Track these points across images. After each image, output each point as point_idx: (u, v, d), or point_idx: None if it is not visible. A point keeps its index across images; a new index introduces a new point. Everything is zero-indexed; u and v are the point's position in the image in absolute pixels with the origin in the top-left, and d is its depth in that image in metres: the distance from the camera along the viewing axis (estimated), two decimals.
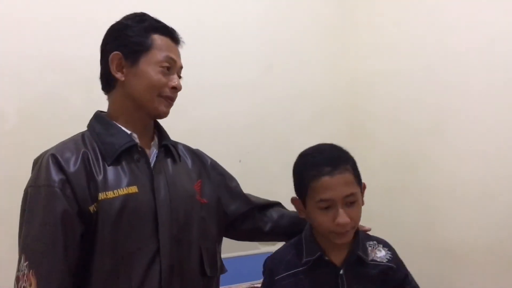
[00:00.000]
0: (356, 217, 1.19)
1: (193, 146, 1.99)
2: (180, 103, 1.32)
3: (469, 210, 2.00)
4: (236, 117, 2.24)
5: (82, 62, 1.79)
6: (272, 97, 2.35)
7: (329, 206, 1.16)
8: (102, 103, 1.28)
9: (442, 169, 2.11)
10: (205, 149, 2.13)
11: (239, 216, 1.39)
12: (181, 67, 1.28)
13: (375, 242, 1.29)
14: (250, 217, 1.41)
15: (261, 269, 1.32)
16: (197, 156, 1.40)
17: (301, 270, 1.22)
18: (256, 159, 2.28)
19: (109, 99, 1.26)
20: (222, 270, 1.35)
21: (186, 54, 1.33)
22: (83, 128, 1.25)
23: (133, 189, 1.15)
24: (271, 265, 1.27)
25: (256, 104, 2.31)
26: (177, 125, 1.97)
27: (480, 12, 1.97)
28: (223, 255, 1.37)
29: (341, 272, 1.21)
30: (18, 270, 1.08)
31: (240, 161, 2.22)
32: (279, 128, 2.37)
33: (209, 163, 1.41)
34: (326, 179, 1.16)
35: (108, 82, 1.23)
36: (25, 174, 1.19)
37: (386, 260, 1.26)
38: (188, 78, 2.00)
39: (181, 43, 1.28)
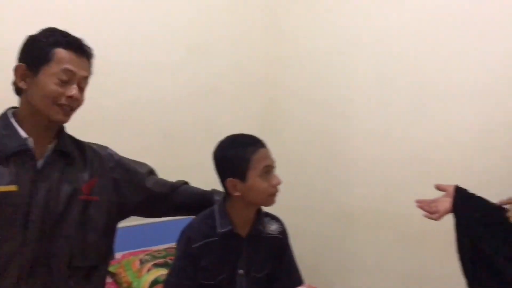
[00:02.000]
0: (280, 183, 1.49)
1: (120, 123, 2.10)
2: (105, 83, 1.43)
3: (367, 181, 2.31)
4: (161, 95, 2.37)
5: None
6: (195, 77, 2.50)
7: (268, 171, 1.46)
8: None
9: (348, 146, 2.40)
10: (131, 126, 2.25)
11: (148, 206, 1.57)
12: (85, 77, 1.37)
13: (269, 218, 1.60)
14: (155, 204, 1.60)
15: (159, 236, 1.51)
16: (99, 156, 1.50)
17: (215, 240, 1.48)
18: (181, 134, 2.44)
19: (19, 103, 1.37)
20: (107, 258, 1.49)
21: (108, 33, 1.38)
22: None
23: (12, 187, 1.27)
24: (188, 233, 1.51)
25: (180, 83, 2.45)
26: (104, 103, 2.10)
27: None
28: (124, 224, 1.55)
29: (245, 242, 1.51)
30: None
31: (164, 135, 2.37)
32: (202, 105, 2.53)
33: (113, 162, 1.53)
34: (263, 150, 1.48)
35: (15, 89, 1.36)
36: None
37: (277, 232, 1.59)
38: (112, 58, 2.11)
39: (89, 54, 1.38)
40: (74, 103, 1.34)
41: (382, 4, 2.22)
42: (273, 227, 1.59)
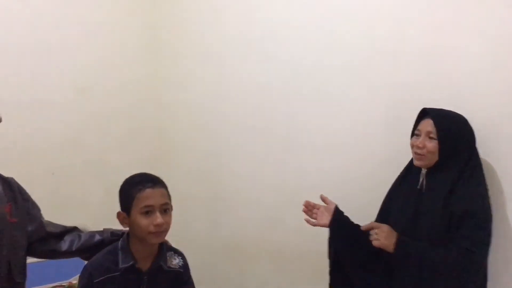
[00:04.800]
0: (169, 221, 1.59)
1: (9, 160, 2.15)
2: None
3: (247, 213, 2.54)
4: (50, 134, 2.42)
5: None
6: (85, 117, 2.57)
7: (149, 211, 1.54)
8: None
9: (222, 185, 2.65)
10: (19, 163, 2.28)
11: (36, 239, 1.65)
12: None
13: (172, 252, 1.70)
14: (47, 241, 1.68)
15: (64, 271, 1.60)
16: (8, 183, 1.62)
17: (116, 275, 1.55)
18: (69, 172, 2.48)
19: None
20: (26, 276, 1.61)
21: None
22: None
23: None
24: (90, 269, 1.57)
25: (70, 123, 2.51)
26: None
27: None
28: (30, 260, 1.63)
29: (145, 277, 1.59)
30: None
31: (53, 173, 2.41)
32: (92, 146, 2.60)
33: (17, 189, 1.65)
34: (148, 191, 1.55)
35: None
36: None
37: (178, 266, 1.68)
38: (3, 95, 2.14)
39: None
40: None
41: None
42: (174, 262, 1.67)
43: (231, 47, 2.59)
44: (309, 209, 1.85)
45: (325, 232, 1.83)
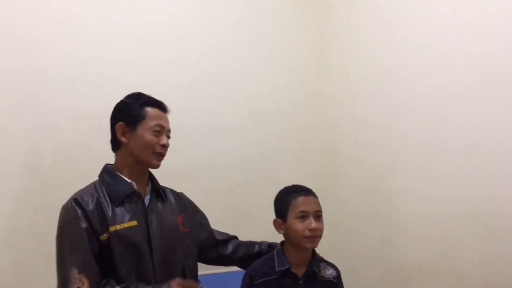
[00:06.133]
0: (322, 227, 1.70)
1: (193, 180, 2.42)
2: (180, 145, 1.74)
3: (416, 233, 2.40)
4: (228, 156, 2.65)
5: (102, 115, 2.13)
6: (258, 139, 2.77)
7: (304, 216, 1.66)
8: None
9: (392, 201, 2.54)
10: (202, 183, 2.54)
11: (206, 247, 1.84)
12: (169, 130, 1.72)
13: (325, 263, 1.78)
14: (215, 248, 1.87)
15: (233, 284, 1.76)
16: (179, 197, 1.83)
17: (273, 278, 1.68)
18: (246, 190, 2.68)
19: (116, 156, 1.71)
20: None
21: (184, 102, 1.70)
22: (101, 167, 1.71)
23: (133, 223, 1.58)
24: (251, 272, 1.73)
25: (244, 145, 2.72)
26: (178, 163, 2.41)
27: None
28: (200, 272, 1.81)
29: (301, 282, 1.68)
30: (67, 280, 1.47)
31: (232, 191, 2.63)
32: (265, 165, 2.78)
33: (188, 203, 1.86)
34: (303, 198, 1.70)
35: (115, 144, 1.70)
36: (57, 205, 1.62)
37: (332, 277, 1.75)
38: (187, 123, 2.43)
39: (169, 111, 1.73)
40: (165, 150, 1.66)
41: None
42: (328, 272, 1.75)
43: (400, 60, 2.53)
44: None
45: None
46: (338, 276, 1.77)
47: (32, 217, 2.07)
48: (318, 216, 1.70)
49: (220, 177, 2.60)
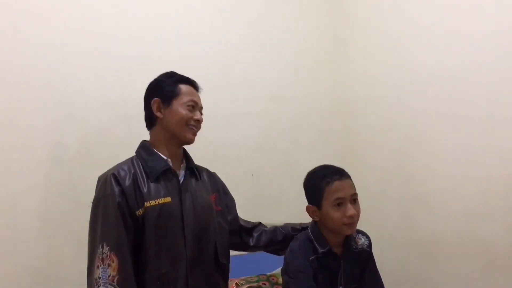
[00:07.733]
0: (359, 211, 1.64)
1: (215, 164, 2.45)
2: (202, 130, 1.75)
3: (440, 209, 2.40)
4: (249, 140, 2.67)
5: (125, 105, 2.27)
6: (277, 124, 2.78)
7: (340, 203, 1.60)
8: (140, 135, 1.76)
9: (415, 179, 2.54)
10: (224, 166, 2.57)
11: (230, 230, 1.83)
12: (201, 107, 1.75)
13: (356, 233, 1.74)
14: (238, 234, 1.88)
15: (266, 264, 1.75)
16: (213, 176, 1.86)
17: (317, 257, 1.64)
18: (266, 173, 2.70)
19: (151, 133, 1.73)
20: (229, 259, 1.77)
21: (206, 89, 1.75)
22: (125, 155, 1.72)
23: (168, 199, 1.59)
24: (298, 253, 1.66)
25: (264, 130, 2.74)
26: (203, 147, 2.42)
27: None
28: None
29: (342, 261, 1.66)
30: (96, 257, 1.47)
31: (252, 175, 2.65)
32: (285, 149, 2.79)
33: (220, 183, 1.89)
34: (337, 183, 1.61)
35: (151, 121, 1.71)
36: (83, 194, 1.65)
37: (365, 246, 1.73)
38: (210, 109, 2.45)
39: (199, 89, 1.76)
40: (199, 125, 1.69)
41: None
42: (360, 242, 1.72)
43: (417, 37, 2.51)
44: None
45: None
46: (370, 245, 1.75)
47: (60, 205, 2.13)
48: (354, 199, 1.62)
49: (241, 161, 2.63)
